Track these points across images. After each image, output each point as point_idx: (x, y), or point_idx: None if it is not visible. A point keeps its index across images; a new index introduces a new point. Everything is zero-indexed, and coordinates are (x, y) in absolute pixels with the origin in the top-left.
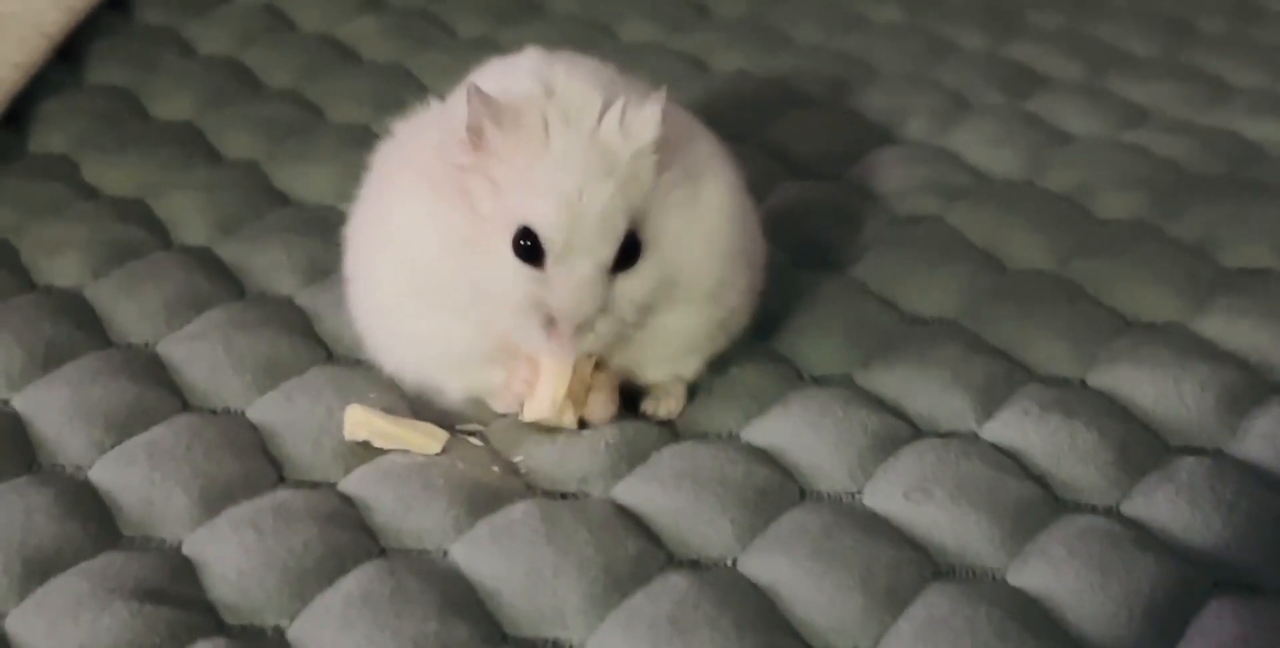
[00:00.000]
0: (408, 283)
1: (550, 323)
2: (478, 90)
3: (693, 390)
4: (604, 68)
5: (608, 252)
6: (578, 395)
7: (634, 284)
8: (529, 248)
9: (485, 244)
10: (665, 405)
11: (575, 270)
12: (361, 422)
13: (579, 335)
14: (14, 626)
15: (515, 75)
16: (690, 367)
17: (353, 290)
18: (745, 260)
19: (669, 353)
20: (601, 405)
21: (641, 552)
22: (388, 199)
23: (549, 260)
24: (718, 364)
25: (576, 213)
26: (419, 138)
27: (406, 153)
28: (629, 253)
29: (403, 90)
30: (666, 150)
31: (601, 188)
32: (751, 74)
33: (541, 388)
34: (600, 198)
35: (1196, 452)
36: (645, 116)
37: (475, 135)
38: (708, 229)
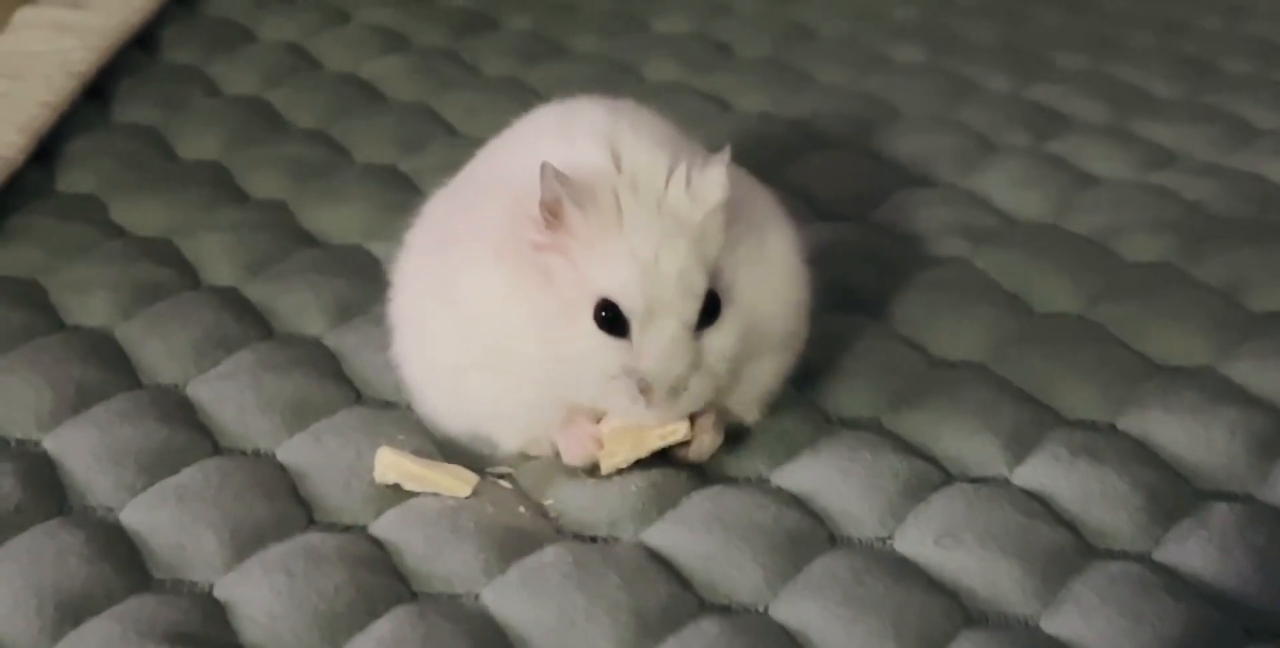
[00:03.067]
0: (477, 353)
1: (644, 389)
2: (554, 171)
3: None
4: (659, 119)
5: (691, 310)
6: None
7: (720, 339)
8: (611, 319)
9: (567, 319)
10: (697, 449)
11: (661, 333)
12: (392, 464)
13: (674, 398)
14: None
15: (580, 140)
16: (756, 412)
17: (402, 342)
18: (806, 306)
19: (746, 400)
20: (710, 443)
21: (672, 597)
22: (456, 269)
23: (633, 328)
24: None
25: (654, 278)
26: (486, 206)
27: (473, 222)
28: (710, 309)
29: (428, 130)
30: (732, 208)
31: (675, 250)
32: (774, 115)
33: (614, 442)
34: (676, 260)
35: (1227, 497)
36: (711, 178)
37: (549, 214)
38: (778, 281)
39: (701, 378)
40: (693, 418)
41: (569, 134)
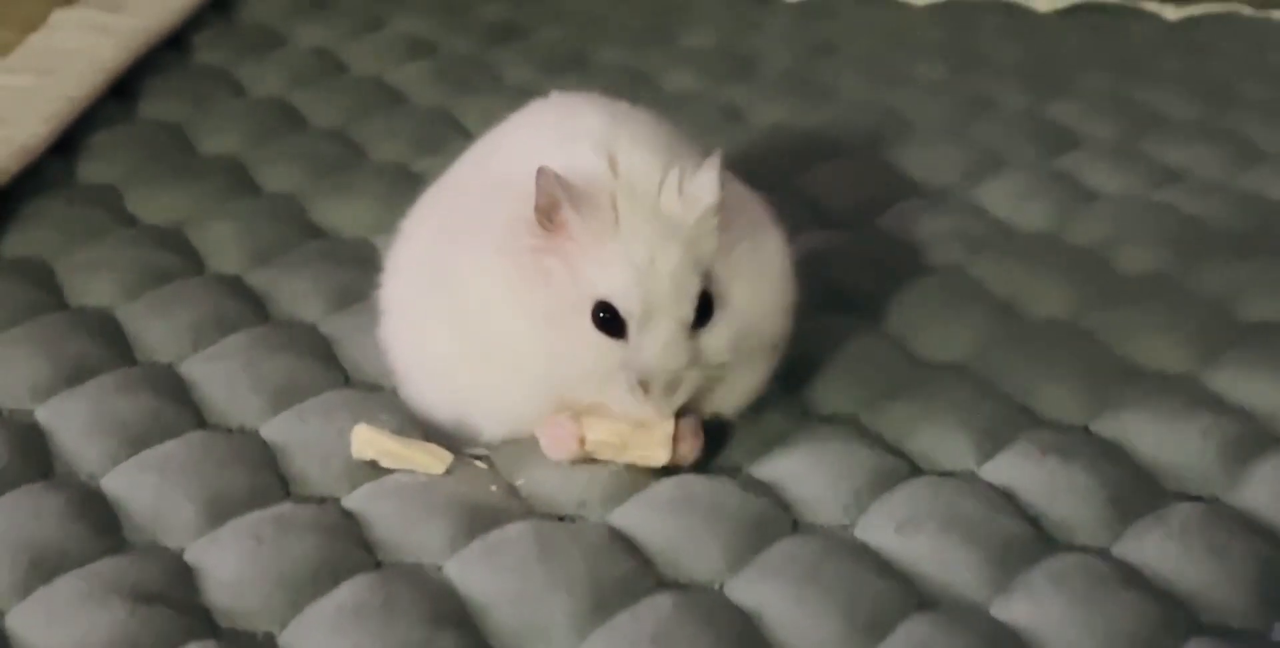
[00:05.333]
0: (471, 346)
1: (642, 386)
2: (554, 175)
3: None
4: (657, 122)
5: (686, 309)
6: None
7: (714, 339)
8: (609, 320)
9: (564, 320)
10: (680, 454)
11: (659, 333)
12: (369, 441)
13: (671, 394)
14: (14, 623)
15: (577, 144)
16: (738, 409)
17: (393, 328)
18: (792, 308)
19: (730, 400)
20: (692, 448)
21: (631, 573)
22: (457, 263)
23: (631, 329)
24: None
25: (650, 280)
26: (486, 204)
27: (474, 218)
28: (704, 309)
29: (444, 132)
30: (724, 213)
31: (670, 252)
32: (788, 126)
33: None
34: (670, 261)
35: (1194, 499)
36: (703, 182)
37: (545, 216)
38: (770, 285)
39: (694, 376)
40: (676, 419)
41: (567, 138)
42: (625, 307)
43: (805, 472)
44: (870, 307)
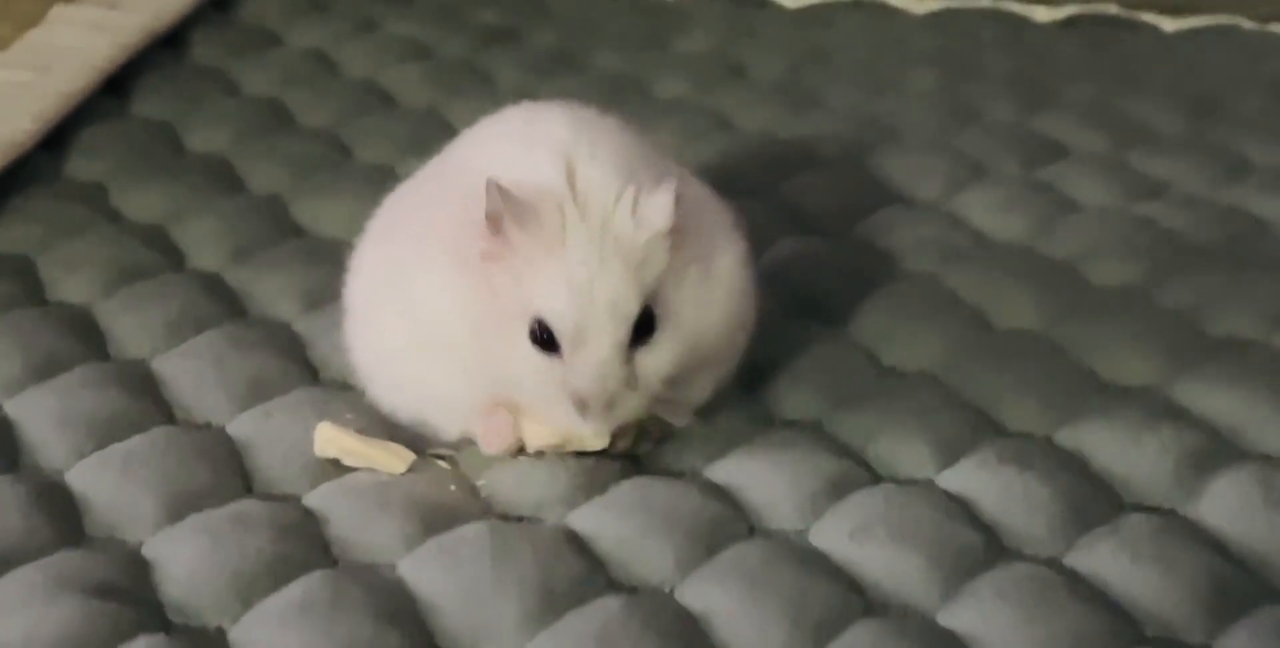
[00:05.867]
0: (422, 347)
1: (579, 404)
2: (498, 187)
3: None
4: (627, 135)
5: (621, 332)
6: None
7: (655, 358)
8: (545, 339)
9: (506, 333)
10: (620, 444)
11: (592, 354)
12: (331, 439)
13: (609, 413)
14: None
15: (537, 151)
16: (686, 417)
17: (353, 326)
18: (748, 323)
19: (677, 407)
20: (635, 439)
21: (582, 575)
22: (409, 264)
23: (564, 348)
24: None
25: (587, 301)
26: (442, 206)
27: (430, 219)
28: (645, 328)
29: (433, 134)
30: (680, 231)
31: (612, 273)
32: (774, 133)
33: (534, 427)
34: (610, 283)
35: (1150, 511)
36: (658, 205)
37: (494, 223)
38: (722, 303)
39: (635, 397)
40: None
41: (528, 144)
42: (559, 327)
43: (763, 476)
44: (841, 313)
